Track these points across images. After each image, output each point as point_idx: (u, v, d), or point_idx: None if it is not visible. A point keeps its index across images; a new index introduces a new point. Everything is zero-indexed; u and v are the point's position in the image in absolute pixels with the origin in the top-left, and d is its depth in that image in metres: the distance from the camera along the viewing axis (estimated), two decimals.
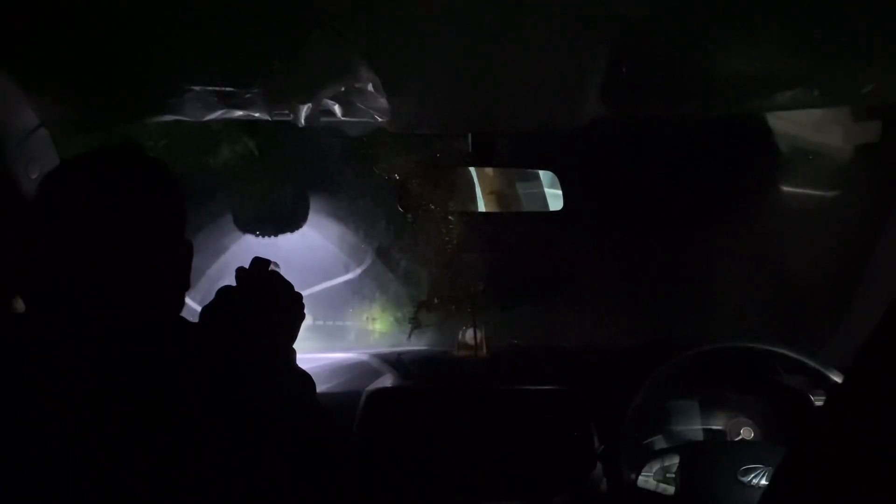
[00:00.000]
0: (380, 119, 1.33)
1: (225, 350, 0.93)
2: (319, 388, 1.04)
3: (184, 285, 1.01)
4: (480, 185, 1.78)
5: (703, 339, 1.51)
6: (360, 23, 1.09)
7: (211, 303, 1.04)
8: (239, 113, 1.32)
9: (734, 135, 2.10)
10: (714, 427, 1.63)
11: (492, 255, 2.06)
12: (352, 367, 1.81)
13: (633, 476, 1.41)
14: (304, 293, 1.14)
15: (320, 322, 2.24)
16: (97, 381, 0.80)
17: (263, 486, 0.86)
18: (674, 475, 1.38)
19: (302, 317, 1.14)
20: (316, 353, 1.93)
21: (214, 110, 1.30)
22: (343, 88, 1.24)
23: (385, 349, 1.95)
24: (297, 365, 1.05)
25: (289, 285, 1.12)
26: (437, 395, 1.61)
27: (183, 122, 1.33)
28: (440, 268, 2.01)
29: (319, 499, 0.96)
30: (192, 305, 1.05)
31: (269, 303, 1.08)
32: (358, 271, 2.33)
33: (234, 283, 1.08)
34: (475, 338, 1.83)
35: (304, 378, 1.02)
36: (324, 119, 1.33)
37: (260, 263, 1.12)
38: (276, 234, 2.30)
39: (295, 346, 1.11)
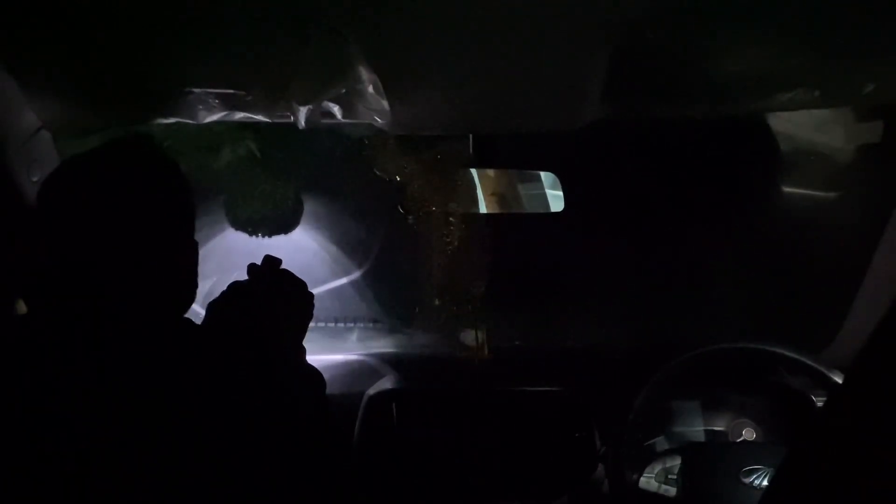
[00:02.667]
0: (380, 121, 1.33)
1: (237, 346, 0.92)
2: None
3: (192, 284, 1.00)
4: (482, 187, 1.78)
5: (704, 340, 1.51)
6: (360, 24, 1.09)
7: (220, 298, 1.03)
8: (240, 115, 1.32)
9: (735, 136, 2.09)
10: (716, 428, 1.63)
11: (493, 256, 2.06)
12: (353, 368, 1.81)
13: (634, 477, 1.41)
14: None
15: (322, 323, 2.24)
16: (106, 382, 0.80)
17: (272, 483, 0.85)
18: (676, 476, 1.38)
19: (311, 314, 1.14)
20: (317, 355, 1.92)
21: (215, 112, 1.31)
22: (343, 90, 1.24)
23: (386, 351, 1.95)
24: (307, 362, 1.05)
25: (301, 282, 1.13)
26: (439, 396, 1.61)
27: (184, 124, 1.33)
28: (442, 269, 2.01)
29: (323, 499, 0.96)
30: (194, 307, 1.04)
31: (283, 299, 1.08)
32: (359, 273, 2.33)
33: (241, 281, 1.08)
34: (476, 339, 1.83)
35: (316, 375, 1.02)
36: (324, 121, 1.32)
37: (272, 260, 1.13)
38: (277, 235, 2.30)
39: None
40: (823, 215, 2.08)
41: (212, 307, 1.02)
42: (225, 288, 1.06)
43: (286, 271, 1.13)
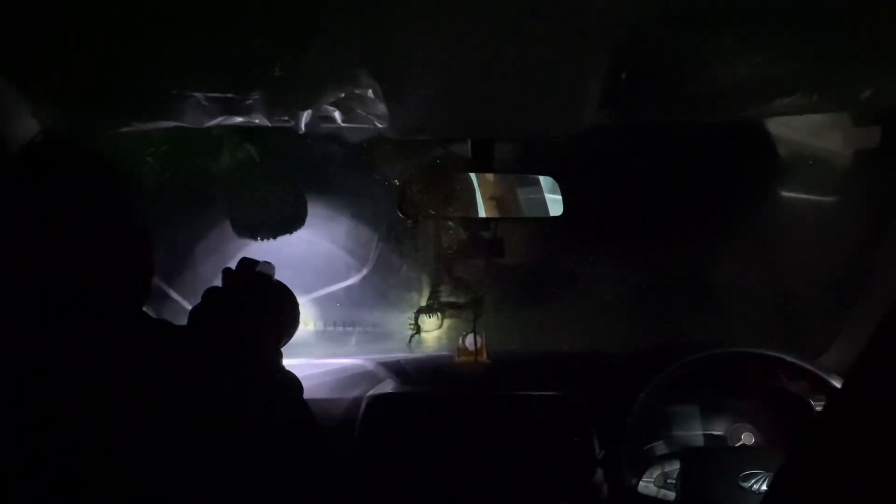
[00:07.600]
0: (380, 125, 1.34)
1: (209, 351, 0.91)
2: (320, 394, 1.02)
3: (147, 272, 0.96)
4: (481, 191, 1.78)
5: (703, 344, 1.51)
6: (359, 29, 1.09)
7: (198, 304, 1.02)
8: (239, 119, 1.32)
9: (734, 141, 2.10)
10: (715, 432, 1.63)
11: (492, 260, 2.06)
12: (352, 372, 1.81)
13: (633, 482, 1.41)
14: (304, 298, 1.12)
15: (320, 327, 2.23)
16: (82, 384, 0.78)
17: (248, 491, 0.84)
18: (674, 481, 1.38)
19: (295, 317, 1.12)
20: (316, 359, 1.92)
21: (215, 116, 1.31)
22: (343, 94, 1.24)
23: (386, 355, 1.95)
24: (282, 367, 1.02)
25: (277, 284, 1.11)
26: (438, 400, 1.61)
27: (184, 128, 1.34)
28: (441, 273, 2.01)
29: (318, 501, 0.95)
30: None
31: (254, 303, 1.06)
32: (358, 277, 2.33)
33: (216, 287, 1.07)
34: (476, 343, 1.83)
35: (290, 381, 0.99)
36: (324, 125, 1.33)
37: (247, 263, 1.11)
38: (275, 238, 2.30)
39: (295, 351, 1.09)
40: (822, 220, 2.08)
41: (191, 314, 1.01)
42: (202, 294, 1.05)
43: (262, 274, 1.11)
